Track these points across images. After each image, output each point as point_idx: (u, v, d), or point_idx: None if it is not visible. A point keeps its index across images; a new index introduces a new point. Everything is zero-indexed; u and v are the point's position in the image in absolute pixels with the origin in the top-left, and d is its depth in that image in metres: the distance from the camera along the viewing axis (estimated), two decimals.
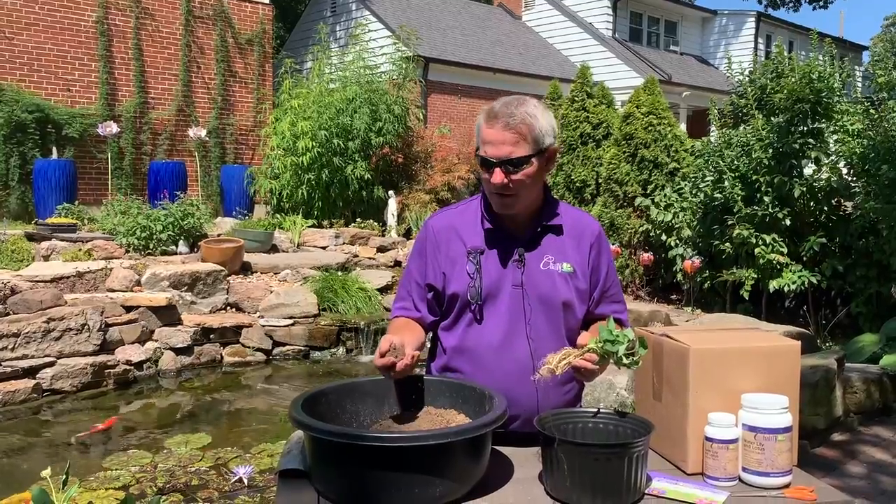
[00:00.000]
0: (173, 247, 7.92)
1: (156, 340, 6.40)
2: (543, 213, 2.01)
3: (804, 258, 7.27)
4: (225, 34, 12.16)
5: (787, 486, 1.63)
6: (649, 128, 8.84)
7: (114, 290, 6.63)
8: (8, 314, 5.82)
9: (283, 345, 6.89)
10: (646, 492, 1.59)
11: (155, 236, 7.78)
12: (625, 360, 1.69)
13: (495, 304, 1.96)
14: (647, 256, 8.48)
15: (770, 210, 7.18)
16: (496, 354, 1.94)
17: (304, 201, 10.49)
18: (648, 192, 8.76)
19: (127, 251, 7.67)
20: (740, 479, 1.66)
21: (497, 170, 1.87)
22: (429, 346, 2.16)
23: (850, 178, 7.51)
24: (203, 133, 11.02)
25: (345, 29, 18.24)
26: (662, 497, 1.58)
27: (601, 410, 1.76)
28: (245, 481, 3.92)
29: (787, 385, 1.74)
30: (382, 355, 1.75)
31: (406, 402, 1.84)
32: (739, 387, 1.71)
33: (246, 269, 7.77)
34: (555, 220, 2.01)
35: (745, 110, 8.56)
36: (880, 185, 6.75)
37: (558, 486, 1.56)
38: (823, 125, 7.36)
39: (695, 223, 8.05)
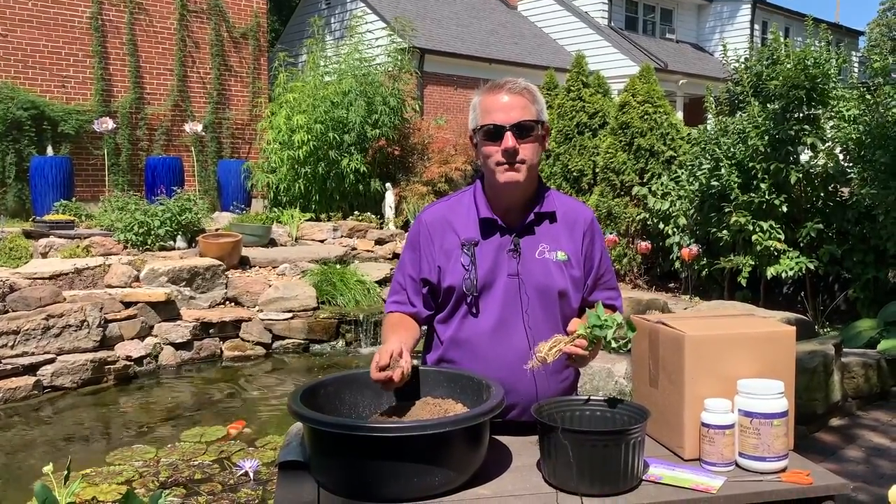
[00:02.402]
0: (171, 242, 7.93)
1: (155, 336, 6.41)
2: (536, 201, 2.01)
3: (801, 244, 7.29)
4: (219, 28, 12.12)
5: (783, 470, 1.65)
6: (645, 116, 8.84)
7: (112, 286, 6.63)
8: (7, 312, 5.83)
9: (283, 338, 6.90)
10: (643, 478, 1.61)
11: (153, 232, 7.78)
12: (613, 344, 1.71)
13: (491, 294, 1.96)
14: (644, 245, 8.50)
15: (767, 197, 7.19)
16: (493, 344, 1.95)
17: (302, 195, 10.48)
18: (645, 180, 8.77)
19: (125, 247, 7.67)
20: (737, 464, 1.68)
21: (508, 134, 1.88)
22: (424, 337, 2.16)
23: (846, 164, 7.52)
24: (199, 128, 11.00)
25: (340, 21, 18.20)
26: (660, 483, 1.60)
27: (598, 398, 1.77)
28: (251, 475, 3.93)
29: (782, 370, 1.76)
30: (382, 368, 1.73)
31: (404, 393, 1.84)
32: (735, 373, 1.73)
33: (244, 264, 7.78)
34: (548, 209, 2.01)
35: (740, 97, 8.55)
36: (876, 171, 6.76)
37: (556, 474, 1.57)
38: (819, 111, 7.36)
39: (692, 211, 8.06)
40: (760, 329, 1.82)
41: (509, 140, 1.88)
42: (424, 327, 2.11)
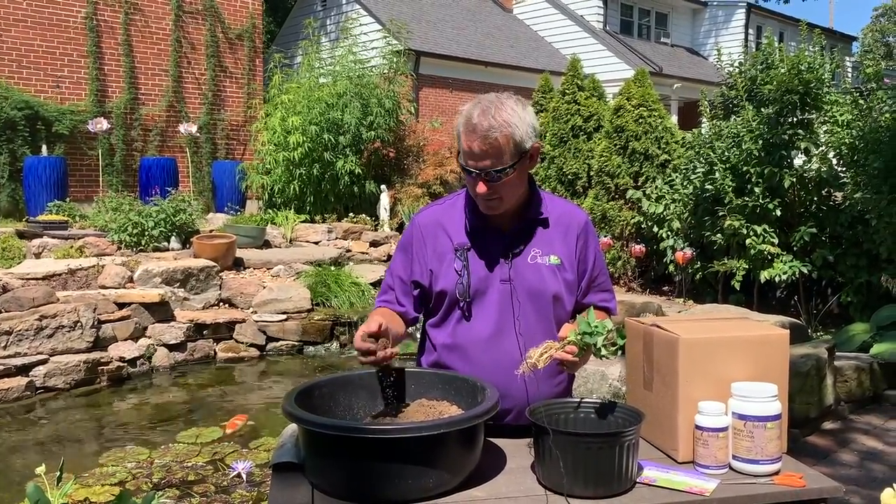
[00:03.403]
0: (165, 243, 7.91)
1: (149, 337, 6.39)
2: (529, 206, 2.00)
3: (795, 248, 7.30)
4: (215, 29, 12.11)
5: (776, 473, 1.65)
6: (640, 120, 8.85)
7: (106, 287, 6.61)
8: (0, 312, 5.81)
9: (277, 340, 6.89)
10: (637, 480, 1.61)
11: (147, 233, 7.76)
12: (603, 351, 1.73)
13: (484, 299, 1.96)
14: (638, 248, 8.51)
15: (761, 201, 7.21)
16: (486, 350, 1.95)
17: (297, 196, 10.48)
18: (640, 184, 8.78)
19: (119, 248, 7.65)
20: (730, 467, 1.68)
21: (480, 181, 1.86)
22: (418, 341, 2.16)
23: (839, 169, 7.54)
24: (194, 129, 10.98)
25: (335, 23, 18.19)
26: (653, 485, 1.60)
27: (592, 400, 1.78)
28: (244, 476, 3.92)
29: (776, 373, 1.76)
30: (370, 336, 1.75)
31: (399, 395, 1.85)
32: (729, 376, 1.73)
33: (238, 265, 7.76)
34: (541, 213, 2.01)
35: (735, 101, 8.57)
36: (869, 176, 6.77)
37: (550, 476, 1.57)
38: (813, 116, 7.38)
39: (686, 215, 8.07)
40: (754, 332, 1.83)
41: (481, 186, 1.86)
42: (411, 329, 2.11)
